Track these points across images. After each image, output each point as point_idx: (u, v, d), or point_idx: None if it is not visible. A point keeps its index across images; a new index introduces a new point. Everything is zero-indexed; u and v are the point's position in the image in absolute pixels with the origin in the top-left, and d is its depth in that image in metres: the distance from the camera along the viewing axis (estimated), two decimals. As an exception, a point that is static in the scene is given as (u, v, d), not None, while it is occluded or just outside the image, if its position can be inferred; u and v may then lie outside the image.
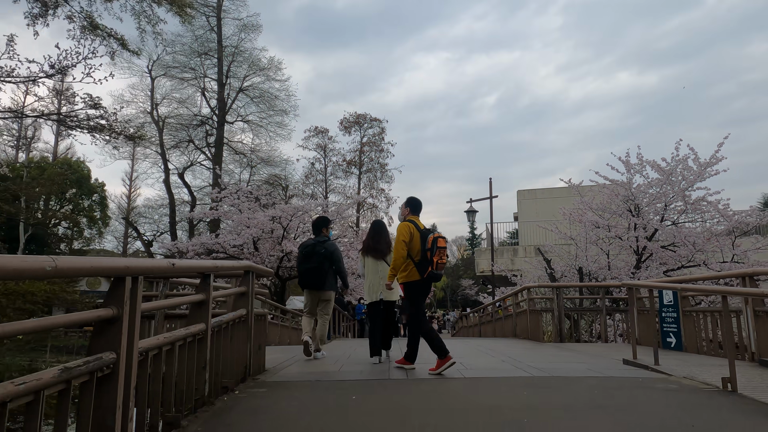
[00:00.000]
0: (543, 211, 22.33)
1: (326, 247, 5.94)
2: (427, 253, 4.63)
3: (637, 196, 13.41)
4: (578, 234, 14.10)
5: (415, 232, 4.77)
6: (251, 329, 4.30)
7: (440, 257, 4.64)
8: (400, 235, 4.71)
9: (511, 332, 10.41)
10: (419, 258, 4.66)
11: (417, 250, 4.69)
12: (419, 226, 4.87)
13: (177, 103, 27.42)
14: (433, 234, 4.72)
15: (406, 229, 4.74)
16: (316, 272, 5.84)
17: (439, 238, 4.66)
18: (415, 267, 4.69)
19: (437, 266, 4.65)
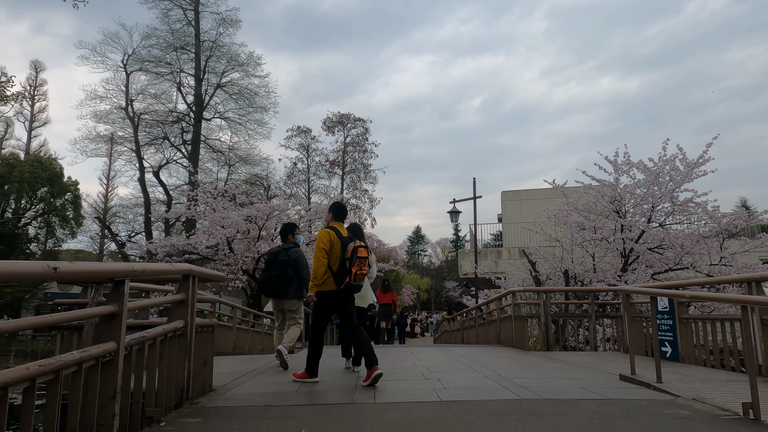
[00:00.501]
0: (527, 213, 21.93)
1: (290, 254, 5.78)
2: (346, 262, 4.38)
3: (624, 197, 13.01)
4: (563, 236, 13.67)
5: (336, 240, 4.52)
6: (191, 344, 3.63)
7: (360, 267, 4.38)
8: (319, 243, 4.46)
9: (494, 338, 9.85)
10: (337, 267, 4.43)
11: (336, 258, 4.45)
12: (341, 233, 4.62)
13: (153, 98, 26.47)
14: (354, 243, 4.45)
15: (326, 236, 4.49)
16: (275, 280, 5.71)
17: (360, 247, 4.42)
18: (332, 276, 4.44)
19: (356, 277, 4.38)
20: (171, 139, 26.38)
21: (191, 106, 25.86)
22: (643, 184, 12.58)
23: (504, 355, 6.97)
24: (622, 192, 12.97)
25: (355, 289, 4.52)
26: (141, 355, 3.00)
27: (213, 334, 4.30)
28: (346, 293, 4.53)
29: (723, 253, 11.84)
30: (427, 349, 7.85)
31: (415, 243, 79.49)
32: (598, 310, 8.32)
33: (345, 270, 4.43)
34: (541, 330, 7.76)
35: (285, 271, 5.73)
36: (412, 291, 41.20)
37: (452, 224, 22.18)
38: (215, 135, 27.66)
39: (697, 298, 3.69)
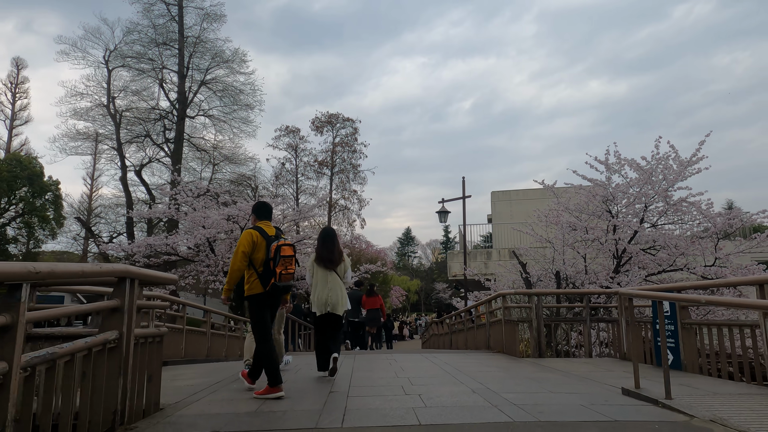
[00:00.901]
0: (517, 213, 21.54)
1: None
2: (270, 263, 4.19)
3: (616, 196, 12.63)
4: (554, 236, 13.25)
5: (260, 240, 4.29)
6: (127, 358, 3.08)
7: (285, 267, 4.19)
8: (239, 245, 4.22)
9: (484, 344, 9.37)
10: (262, 269, 4.23)
11: (261, 260, 4.25)
12: (267, 233, 4.38)
13: (135, 95, 25.69)
14: (277, 242, 4.25)
15: (248, 237, 4.27)
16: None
17: (284, 246, 4.24)
18: (258, 278, 4.22)
19: (281, 277, 4.18)
20: (153, 138, 25.62)
21: (174, 103, 25.13)
22: (636, 183, 12.21)
23: (493, 363, 6.48)
24: (614, 191, 12.59)
25: (283, 290, 4.30)
26: (53, 376, 2.46)
27: (161, 345, 3.75)
28: (274, 294, 4.28)
29: (717, 254, 11.50)
30: (411, 356, 7.33)
31: (405, 244, 79.20)
32: (593, 313, 7.86)
33: (270, 271, 4.19)
34: (533, 335, 7.28)
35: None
36: (401, 293, 40.72)
37: (442, 225, 21.79)
38: (199, 133, 26.98)
39: (714, 303, 3.23)
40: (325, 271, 5.38)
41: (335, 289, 5.36)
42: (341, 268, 5.49)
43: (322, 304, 5.32)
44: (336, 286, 5.38)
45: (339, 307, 5.35)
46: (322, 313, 5.34)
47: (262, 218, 4.55)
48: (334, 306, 5.32)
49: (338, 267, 5.44)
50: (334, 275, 5.40)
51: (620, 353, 6.91)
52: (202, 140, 26.60)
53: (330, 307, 5.31)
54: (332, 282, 5.36)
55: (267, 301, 4.28)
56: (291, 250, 4.28)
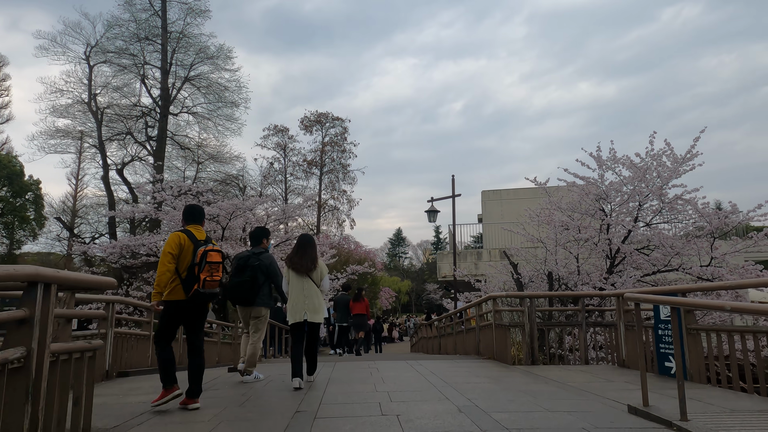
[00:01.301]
0: (508, 213, 21.11)
1: (261, 260, 5.56)
2: (195, 268, 3.98)
3: (609, 195, 12.21)
4: (546, 236, 12.81)
5: (188, 244, 4.07)
6: (39, 381, 2.53)
7: (211, 274, 3.98)
8: (167, 247, 4.04)
9: (473, 349, 8.88)
10: (186, 274, 4.03)
11: (186, 264, 4.03)
12: (195, 236, 4.16)
13: (116, 92, 24.92)
14: (204, 246, 4.04)
15: (175, 240, 4.07)
16: (247, 286, 5.46)
17: (211, 251, 4.03)
18: (180, 284, 4.02)
19: (205, 284, 3.96)
20: (135, 135, 24.86)
21: (157, 100, 24.40)
22: (630, 181, 11.81)
23: (483, 372, 5.98)
24: (607, 189, 12.18)
25: (207, 297, 4.09)
26: None
27: (93, 361, 3.19)
28: (195, 302, 4.07)
29: (714, 254, 11.12)
30: (395, 365, 6.81)
31: (396, 245, 78.84)
32: (588, 317, 7.40)
33: (194, 276, 3.98)
34: (525, 340, 6.79)
35: (256, 278, 5.47)
36: (391, 294, 40.22)
37: (432, 225, 21.35)
38: (183, 131, 26.25)
39: (738, 309, 2.76)
40: (300, 278, 5.22)
41: (312, 297, 5.19)
42: (317, 275, 5.31)
43: (298, 311, 5.14)
44: (312, 293, 5.21)
45: (316, 314, 5.18)
46: (297, 320, 5.14)
47: (192, 222, 4.31)
48: (311, 313, 5.14)
49: (313, 273, 5.27)
50: (310, 282, 5.23)
51: (618, 360, 6.45)
52: (186, 138, 25.90)
53: (307, 315, 5.12)
54: (308, 289, 5.20)
55: (185, 309, 4.08)
56: (219, 257, 4.07)
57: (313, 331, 5.31)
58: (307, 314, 5.11)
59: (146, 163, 25.71)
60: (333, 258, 18.98)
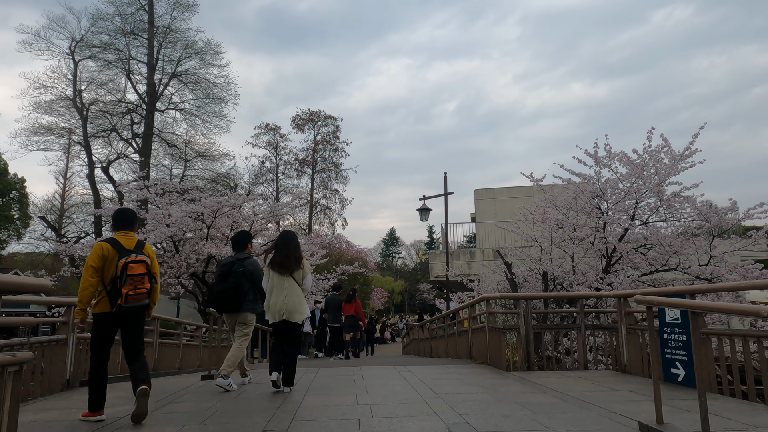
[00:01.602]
0: (502, 212, 20.74)
1: (245, 266, 5.42)
2: (117, 281, 3.75)
3: (606, 192, 11.85)
4: (541, 235, 12.44)
5: (112, 254, 3.81)
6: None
7: (134, 287, 3.74)
8: (89, 259, 3.80)
9: (466, 352, 8.46)
10: (111, 286, 3.80)
11: (111, 276, 3.79)
12: (122, 245, 3.87)
13: (102, 88, 24.30)
14: (127, 258, 3.77)
15: (98, 251, 3.83)
16: (231, 293, 5.32)
17: (133, 263, 3.77)
18: (106, 296, 3.80)
19: (127, 298, 3.73)
20: (120, 132, 24.23)
21: (143, 96, 23.81)
22: (627, 178, 11.45)
23: (476, 380, 5.55)
24: (603, 186, 11.81)
25: (134, 311, 3.84)
26: None
27: (19, 377, 2.72)
28: (124, 315, 3.84)
29: (712, 253, 10.79)
30: (382, 371, 6.37)
31: (389, 245, 78.55)
32: (587, 319, 6.99)
33: (116, 289, 3.75)
34: (521, 344, 6.38)
35: (240, 284, 5.32)
36: (383, 294, 39.83)
37: (425, 224, 20.94)
38: (170, 128, 25.65)
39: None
40: (281, 277, 5.07)
41: (292, 296, 5.02)
42: (299, 274, 5.14)
43: (277, 311, 5.00)
44: (293, 292, 5.04)
45: (296, 314, 5.01)
46: (276, 320, 5.02)
47: (121, 228, 4.04)
48: (290, 313, 4.98)
49: (296, 273, 5.10)
50: (291, 281, 5.07)
51: (619, 365, 6.06)
52: (173, 135, 25.30)
53: (286, 315, 4.97)
54: (289, 288, 5.04)
55: (115, 322, 3.86)
56: (142, 268, 3.81)
57: (292, 332, 5.09)
58: (285, 314, 4.95)
59: (132, 160, 25.11)
60: (324, 258, 18.51)
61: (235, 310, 5.41)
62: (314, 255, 18.25)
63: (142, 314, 3.99)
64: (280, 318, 4.97)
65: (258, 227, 16.66)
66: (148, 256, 3.92)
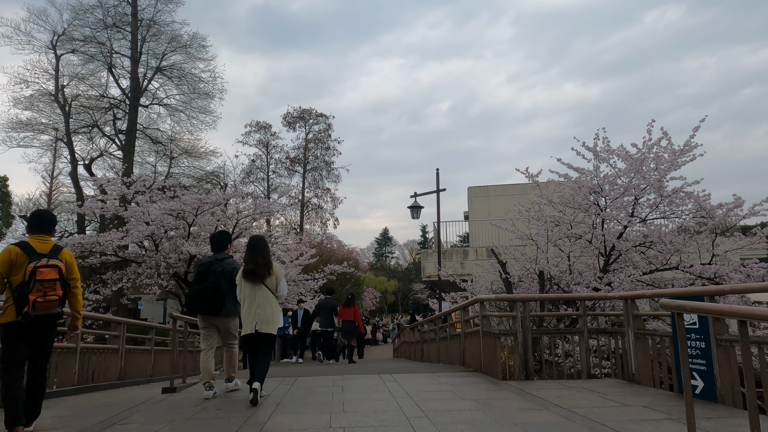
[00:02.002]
0: (496, 210, 20.19)
1: (224, 266, 5.26)
2: (24, 286, 3.54)
3: (604, 188, 11.33)
4: (537, 233, 11.90)
5: (21, 259, 3.59)
6: None
7: (44, 294, 3.48)
8: None
9: (458, 358, 7.89)
10: (18, 293, 3.56)
11: (18, 282, 3.57)
12: (34, 249, 3.65)
13: (84, 83, 23.50)
14: (36, 262, 3.54)
15: (5, 256, 3.61)
16: (209, 294, 5.12)
17: (43, 267, 3.52)
18: (13, 304, 3.57)
19: (35, 305, 3.48)
20: (102, 128, 23.43)
21: (126, 91, 23.03)
22: (625, 173, 10.94)
23: (469, 392, 4.96)
24: (602, 182, 11.28)
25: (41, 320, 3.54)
26: None
27: None
28: (34, 324, 3.54)
29: (715, 251, 10.29)
30: (365, 381, 5.77)
31: (382, 245, 78.12)
32: (592, 323, 6.43)
33: (23, 296, 3.51)
34: (518, 351, 5.81)
35: (218, 285, 5.14)
36: (375, 294, 39.28)
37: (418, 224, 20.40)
38: (155, 124, 24.89)
39: None
40: (252, 286, 4.86)
41: (264, 305, 4.82)
42: (271, 281, 4.93)
43: (250, 322, 4.79)
44: (265, 301, 4.84)
45: (269, 324, 4.79)
46: (248, 332, 4.79)
47: (36, 231, 3.80)
48: (262, 323, 4.76)
49: (267, 280, 4.90)
50: (264, 289, 4.87)
51: (626, 373, 5.50)
52: (157, 132, 24.54)
53: (258, 326, 4.75)
54: (261, 297, 4.83)
55: (23, 331, 3.53)
56: (53, 273, 3.54)
57: (265, 343, 4.86)
58: (257, 324, 4.74)
59: (116, 157, 24.34)
60: (313, 258, 17.88)
61: (214, 313, 5.20)
62: (302, 255, 17.62)
63: (54, 326, 3.66)
64: (252, 329, 4.75)
65: (244, 225, 16.00)
66: (64, 261, 3.65)
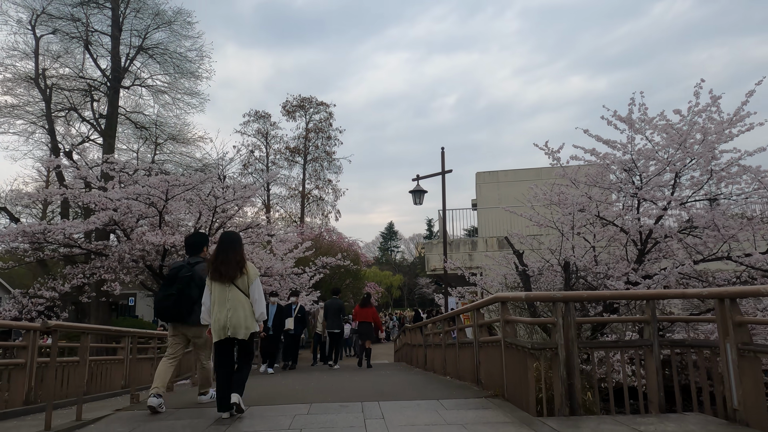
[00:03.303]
0: (507, 198, 18.29)
1: (195, 271, 4.93)
2: None
3: (639, 165, 9.47)
4: (559, 219, 10.07)
5: None
6: None
7: None
8: None
9: (471, 374, 6.11)
10: None
11: None
12: None
13: (59, 62, 21.79)
14: None
15: None
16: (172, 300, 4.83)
17: None
18: None
19: None
20: (82, 112, 21.76)
21: (106, 72, 21.34)
22: (666, 146, 9.07)
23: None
24: (636, 157, 9.41)
25: None
26: None
27: None
28: None
29: (779, 238, 8.44)
30: (340, 419, 3.99)
31: (388, 239, 76.82)
32: (662, 333, 4.60)
33: None
34: (559, 373, 4.03)
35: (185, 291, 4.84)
36: (377, 289, 37.64)
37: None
38: (139, 108, 23.18)
39: None
40: (222, 287, 4.41)
41: (236, 309, 4.36)
42: (243, 281, 4.45)
43: (221, 327, 4.35)
44: (238, 304, 4.38)
45: (241, 329, 4.35)
46: (221, 338, 4.36)
47: None
48: (234, 329, 4.33)
49: (239, 281, 4.43)
50: (235, 291, 4.41)
51: (728, 409, 3.70)
52: (141, 115, 22.83)
53: (230, 331, 4.32)
54: (233, 300, 4.38)
55: None
56: None
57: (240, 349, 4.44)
58: (229, 330, 4.31)
59: (98, 144, 22.67)
60: (309, 250, 16.16)
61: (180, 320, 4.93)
62: (297, 247, 15.91)
63: None
64: (225, 335, 4.32)
65: (227, 215, 14.26)
66: None
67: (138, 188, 11.19)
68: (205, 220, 13.24)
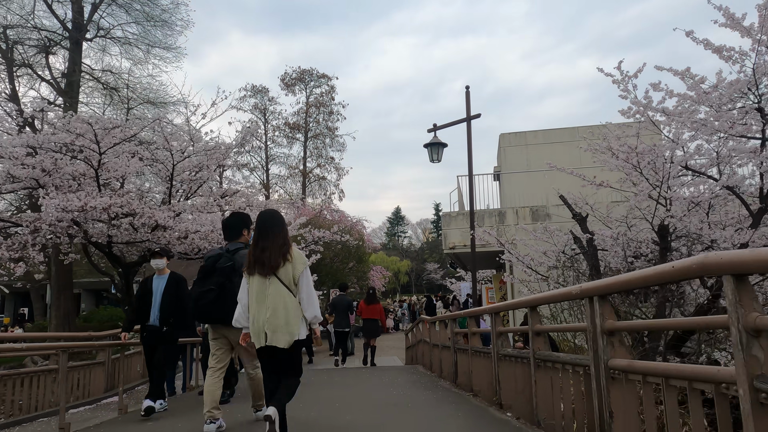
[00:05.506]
0: (536, 162, 14.90)
1: (236, 259, 4.15)
2: None
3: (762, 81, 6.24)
4: (647, 164, 6.90)
5: None
6: None
7: None
8: None
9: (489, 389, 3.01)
10: None
11: None
12: None
13: (12, 12, 18.71)
14: None
15: None
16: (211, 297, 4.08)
17: None
18: None
19: None
20: (36, 69, 18.73)
21: (65, 21, 18.28)
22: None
23: None
24: (759, 69, 6.18)
25: None
26: None
27: None
28: None
29: None
30: None
31: (394, 224, 74.51)
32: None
33: None
34: None
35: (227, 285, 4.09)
36: (384, 274, 34.71)
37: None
38: (108, 68, 20.09)
39: None
40: (262, 281, 3.36)
41: (277, 308, 3.29)
42: (286, 272, 3.35)
43: (259, 330, 3.31)
44: (279, 302, 3.30)
45: (280, 336, 3.27)
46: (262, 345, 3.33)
47: None
48: (273, 335, 3.26)
49: (281, 271, 3.34)
50: (278, 285, 3.33)
51: None
52: (110, 74, 19.76)
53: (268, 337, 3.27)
54: (273, 296, 3.31)
55: None
56: None
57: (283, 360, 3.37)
58: (268, 335, 3.28)
59: (59, 107, 19.59)
60: (303, 227, 13.15)
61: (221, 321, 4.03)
62: (289, 225, 12.89)
63: None
64: (262, 343, 3.30)
65: (195, 178, 11.20)
66: None
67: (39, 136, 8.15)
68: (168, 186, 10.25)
